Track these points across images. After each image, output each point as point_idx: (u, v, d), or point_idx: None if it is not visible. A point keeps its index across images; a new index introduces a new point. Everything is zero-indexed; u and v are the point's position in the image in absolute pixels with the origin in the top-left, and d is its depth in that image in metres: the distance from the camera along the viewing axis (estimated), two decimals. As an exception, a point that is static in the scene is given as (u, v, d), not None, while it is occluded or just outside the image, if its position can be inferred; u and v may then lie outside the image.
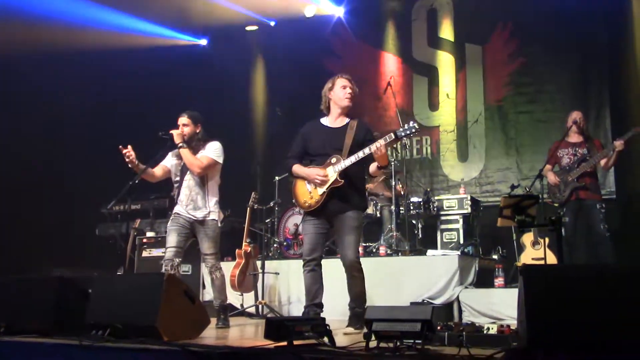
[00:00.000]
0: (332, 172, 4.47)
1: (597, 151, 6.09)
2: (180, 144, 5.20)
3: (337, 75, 4.79)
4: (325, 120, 4.79)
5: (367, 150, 4.39)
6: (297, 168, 4.65)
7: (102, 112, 8.66)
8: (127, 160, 5.07)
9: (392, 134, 4.46)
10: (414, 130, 4.46)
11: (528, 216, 3.71)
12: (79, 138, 8.51)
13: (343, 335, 3.57)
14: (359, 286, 4.71)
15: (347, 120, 4.71)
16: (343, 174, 4.46)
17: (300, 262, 6.76)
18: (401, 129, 4.48)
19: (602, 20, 7.82)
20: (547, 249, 5.88)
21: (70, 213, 8.27)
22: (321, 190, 4.48)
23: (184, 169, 5.31)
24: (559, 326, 2.70)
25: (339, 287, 6.39)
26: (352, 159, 4.43)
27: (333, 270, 6.55)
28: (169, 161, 5.41)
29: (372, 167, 4.56)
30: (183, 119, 5.32)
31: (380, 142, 4.35)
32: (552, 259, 5.79)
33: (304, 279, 4.66)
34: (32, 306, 4.16)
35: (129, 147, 5.07)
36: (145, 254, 7.24)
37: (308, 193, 4.56)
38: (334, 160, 4.50)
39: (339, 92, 4.68)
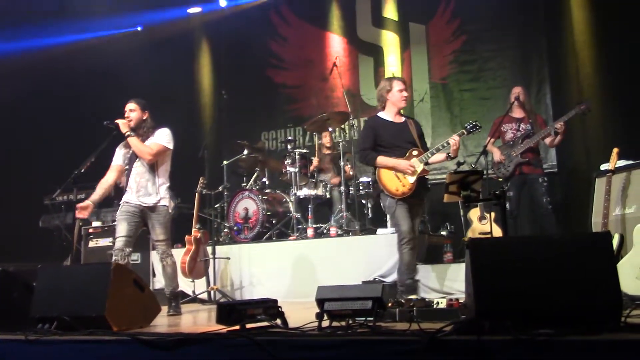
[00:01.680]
0: (418, 163, 4.98)
1: (539, 127, 6.23)
2: (128, 133, 5.09)
3: (393, 77, 5.37)
4: (385, 116, 5.21)
5: (445, 144, 4.95)
6: (383, 159, 5.04)
7: (44, 102, 8.40)
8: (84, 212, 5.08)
9: (463, 130, 5.11)
10: (478, 128, 5.11)
11: (473, 191, 3.77)
12: (19, 128, 8.24)
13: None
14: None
15: (403, 118, 5.24)
16: (426, 163, 5.02)
17: (251, 246, 6.83)
18: (468, 126, 5.12)
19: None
20: (493, 223, 6.01)
21: (11, 204, 8.02)
22: (412, 179, 4.97)
23: (132, 157, 5.21)
24: (505, 297, 2.77)
25: (290, 270, 6.45)
26: (434, 150, 4.99)
27: (283, 253, 6.60)
28: (119, 157, 5.30)
29: (438, 156, 5.05)
30: (130, 105, 5.22)
31: (455, 137, 4.94)
32: (498, 232, 5.92)
33: (403, 256, 4.95)
34: (-26, 302, 4.01)
35: (83, 207, 5.04)
36: (92, 244, 7.09)
37: (398, 181, 4.99)
38: (415, 152, 5.02)
39: (397, 95, 5.15)
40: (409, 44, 8.92)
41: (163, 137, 5.20)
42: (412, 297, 4.02)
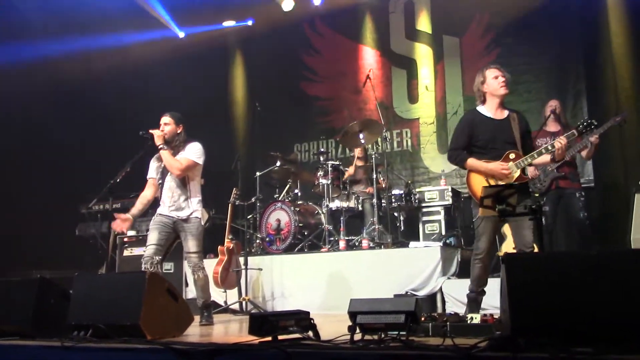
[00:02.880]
0: (514, 168, 4.41)
1: (576, 140, 6.14)
2: (161, 145, 5.15)
3: (485, 66, 4.70)
4: (485, 111, 4.63)
5: (549, 147, 4.40)
6: (475, 162, 4.50)
7: (80, 111, 8.56)
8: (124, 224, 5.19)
9: (574, 131, 4.48)
10: (593, 127, 4.51)
11: (509, 205, 3.72)
12: (56, 138, 8.40)
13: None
14: None
15: (506, 112, 4.63)
16: (523, 169, 4.46)
17: (283, 258, 6.84)
18: (581, 126, 4.48)
19: (577, 10, 7.88)
20: (528, 238, 5.91)
21: (49, 213, 8.17)
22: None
23: (164, 171, 5.27)
24: (541, 314, 2.72)
25: (321, 282, 6.43)
26: (535, 154, 4.43)
27: (315, 265, 6.59)
28: (153, 170, 5.36)
29: (542, 158, 4.52)
30: (165, 119, 5.28)
31: (563, 138, 4.38)
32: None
33: (474, 269, 4.55)
34: (12, 308, 4.09)
35: (123, 220, 5.17)
36: (126, 253, 7.18)
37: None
38: (512, 155, 4.44)
39: (493, 82, 4.57)
40: (443, 56, 8.89)
41: (193, 153, 5.23)
42: (472, 315, 3.69)
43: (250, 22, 10.04)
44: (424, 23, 9.10)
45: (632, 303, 2.67)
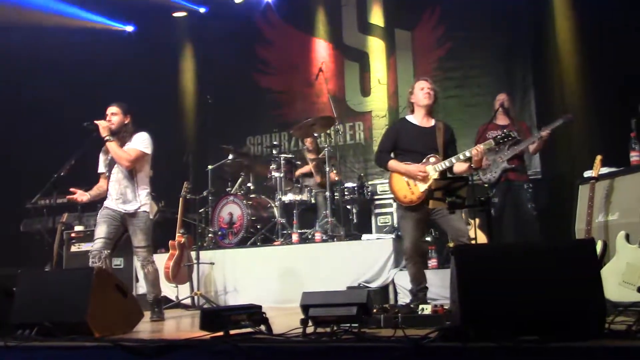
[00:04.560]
0: (432, 171, 4.66)
1: (524, 134, 6.28)
2: (107, 137, 5.02)
3: (416, 79, 5.06)
4: (412, 119, 4.93)
5: (467, 154, 4.60)
6: (395, 164, 4.78)
7: (22, 102, 8.30)
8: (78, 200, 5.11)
9: (491, 141, 4.69)
10: (511, 137, 4.70)
11: (459, 197, 3.77)
12: (1, 131, 8.14)
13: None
14: None
15: (433, 121, 4.90)
16: (441, 173, 4.66)
17: (236, 251, 6.80)
18: (498, 136, 4.69)
19: (525, 5, 8.03)
20: (478, 229, 6.03)
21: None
22: (423, 187, 4.64)
23: (111, 163, 5.15)
24: (490, 304, 2.77)
25: (274, 275, 6.42)
26: (453, 159, 4.64)
27: (268, 259, 6.57)
28: (102, 163, 5.24)
29: (462, 166, 4.71)
30: (112, 109, 5.15)
31: (481, 147, 4.59)
32: (482, 238, 5.94)
33: (408, 270, 4.83)
34: (-48, 308, 3.94)
35: (76, 192, 5.10)
36: (74, 248, 7.01)
37: (408, 188, 4.69)
38: (432, 159, 4.69)
39: (419, 93, 4.88)
40: (395, 50, 8.94)
41: (141, 142, 5.11)
42: (423, 306, 3.85)
43: (202, 10, 9.87)
44: (376, 16, 9.13)
45: (575, 291, 2.75)
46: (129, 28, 10.03)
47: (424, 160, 4.72)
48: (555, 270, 2.81)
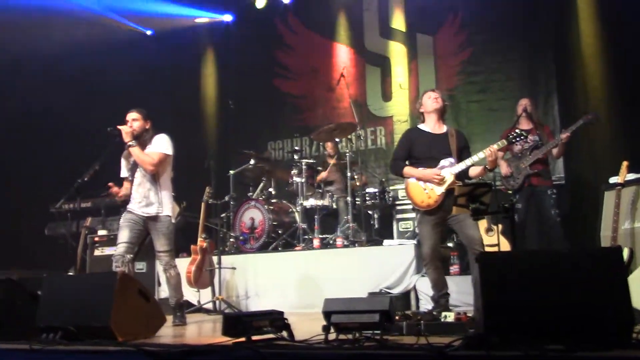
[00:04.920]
0: (448, 174, 4.66)
1: (547, 138, 6.21)
2: (130, 142, 5.06)
3: (424, 92, 5.10)
4: (424, 127, 4.96)
5: (481, 154, 4.62)
6: (410, 169, 4.80)
7: (47, 108, 8.40)
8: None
9: (504, 140, 4.74)
10: (523, 136, 4.79)
11: (482, 204, 3.74)
12: (24, 136, 8.25)
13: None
14: None
15: (445, 127, 4.93)
16: (457, 176, 4.67)
17: (257, 256, 6.81)
18: (510, 136, 4.74)
19: (548, 9, 7.96)
20: (501, 236, 5.97)
21: (18, 213, 8.02)
22: (439, 190, 4.64)
23: (134, 167, 5.19)
24: (514, 312, 2.74)
25: (295, 281, 6.41)
26: (468, 162, 4.67)
27: (289, 264, 6.57)
28: (124, 168, 5.29)
29: (476, 169, 4.71)
30: (133, 114, 5.19)
31: (494, 147, 4.59)
32: (505, 245, 5.88)
33: (428, 275, 4.84)
34: (-22, 311, 4.00)
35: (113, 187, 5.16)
36: (97, 252, 7.06)
37: (424, 193, 4.69)
38: (447, 163, 4.71)
39: (427, 101, 4.94)
40: (417, 55, 8.91)
41: (162, 144, 5.15)
42: (446, 313, 3.84)
43: (229, 17, 9.91)
44: (398, 21, 9.11)
45: (602, 300, 2.70)
46: (148, 32, 10.08)
47: (440, 164, 4.72)
48: (580, 278, 2.77)
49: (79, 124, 8.45)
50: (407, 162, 4.89)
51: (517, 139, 4.77)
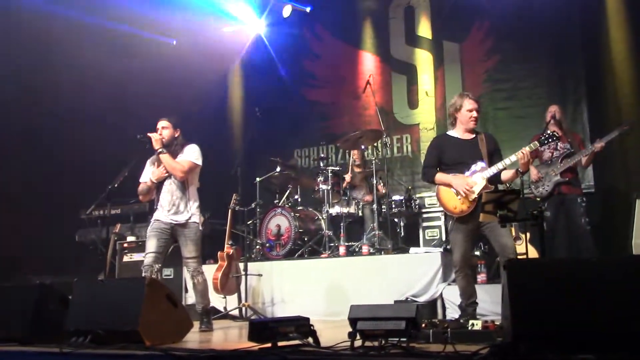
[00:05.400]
0: (480, 179, 4.60)
1: (578, 146, 6.14)
2: (160, 149, 5.14)
3: (464, 94, 4.90)
4: (453, 133, 4.90)
5: (513, 158, 4.56)
6: (441, 176, 4.76)
7: (77, 116, 8.54)
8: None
9: (536, 142, 4.65)
10: (555, 138, 4.65)
11: (510, 211, 3.71)
12: (55, 143, 8.38)
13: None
14: None
15: (474, 134, 4.86)
16: (489, 180, 4.62)
17: (283, 263, 6.83)
18: (542, 137, 4.64)
19: (577, 16, 7.88)
20: (529, 244, 5.90)
21: (49, 219, 8.14)
22: (472, 195, 4.58)
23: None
24: (542, 321, 2.71)
25: (321, 288, 6.41)
26: (500, 165, 4.61)
27: (315, 271, 6.57)
28: (149, 172, 5.34)
29: (508, 173, 4.68)
30: (163, 122, 5.27)
31: (525, 149, 4.52)
32: (533, 253, 5.81)
33: (457, 282, 4.83)
34: (11, 314, 4.08)
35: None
36: (126, 258, 7.16)
37: (457, 198, 4.64)
38: (478, 167, 4.65)
39: (466, 114, 4.79)
40: (443, 62, 8.89)
41: (192, 154, 5.23)
42: (473, 321, 3.80)
43: (255, 25, 9.96)
44: (424, 29, 9.10)
45: (633, 310, 2.65)
46: (174, 42, 10.19)
47: (471, 169, 4.66)
48: (611, 287, 2.72)
49: (110, 131, 8.57)
50: (437, 169, 4.84)
51: (549, 140, 4.67)
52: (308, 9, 9.48)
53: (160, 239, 5.12)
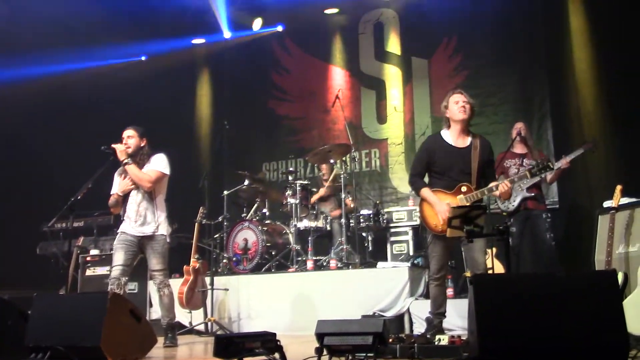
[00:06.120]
0: (463, 201, 4.52)
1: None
2: (125, 160, 5.05)
3: (451, 91, 4.84)
4: (447, 136, 4.75)
5: (493, 189, 4.50)
6: (427, 193, 4.64)
7: (44, 129, 8.40)
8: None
9: (527, 173, 4.57)
10: (548, 169, 4.54)
11: (477, 226, 3.73)
12: (19, 155, 8.23)
13: None
14: None
15: (469, 139, 4.72)
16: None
17: (250, 278, 6.76)
18: (535, 169, 4.52)
19: (541, 34, 8.04)
20: (495, 259, 5.96)
21: (10, 231, 7.96)
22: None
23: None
24: (509, 334, 2.72)
25: (288, 303, 6.37)
26: (485, 191, 4.53)
27: (282, 286, 6.53)
28: (116, 185, 5.26)
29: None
30: (128, 132, 5.20)
31: (507, 184, 4.47)
32: (499, 268, 5.87)
33: (430, 290, 4.81)
34: (-33, 329, 3.95)
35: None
36: (89, 272, 7.01)
37: (438, 219, 4.54)
38: (464, 189, 4.55)
39: (453, 107, 4.70)
40: (412, 78, 8.98)
41: (159, 163, 5.16)
42: (440, 336, 3.79)
43: (225, 35, 9.96)
44: (393, 44, 9.19)
45: (597, 324, 2.68)
46: (143, 58, 10.13)
47: (455, 190, 4.57)
48: (575, 302, 2.75)
49: (73, 142, 8.44)
50: (425, 181, 4.77)
51: (542, 171, 4.56)
52: (280, 28, 9.54)
53: (127, 251, 5.04)
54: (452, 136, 4.73)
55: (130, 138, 5.16)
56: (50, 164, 8.43)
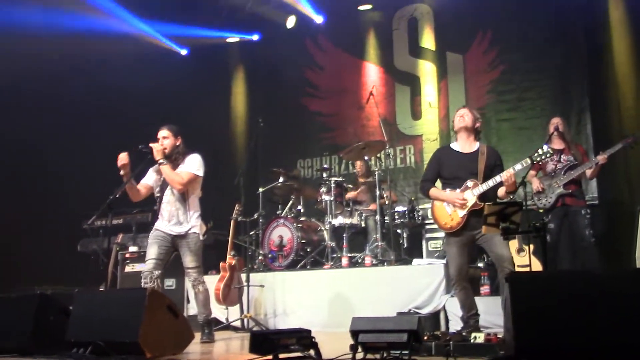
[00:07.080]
0: (470, 196, 4.62)
1: (581, 157, 6.12)
2: (160, 160, 5.11)
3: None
4: (455, 146, 4.93)
5: (497, 178, 4.55)
6: (435, 191, 4.83)
7: (80, 126, 8.57)
8: (121, 165, 5.00)
9: (528, 160, 4.55)
10: (548, 155, 4.54)
11: (512, 223, 3.69)
12: (58, 153, 8.40)
13: None
14: None
15: (477, 145, 4.86)
16: (481, 197, 4.61)
17: (285, 274, 6.80)
18: (536, 154, 4.52)
19: (581, 27, 7.89)
20: (532, 256, 5.87)
21: (52, 229, 8.15)
22: (462, 212, 4.62)
23: (164, 184, 5.23)
24: (545, 333, 2.68)
25: (323, 299, 6.39)
26: (490, 183, 4.59)
27: (317, 282, 6.55)
28: (150, 178, 5.33)
29: (501, 191, 4.67)
30: (163, 132, 5.25)
31: (510, 171, 4.50)
32: (536, 265, 5.77)
33: (456, 295, 4.84)
34: (12, 325, 4.07)
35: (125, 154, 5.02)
36: (128, 269, 7.14)
37: (448, 215, 4.68)
38: (470, 184, 4.66)
39: (455, 119, 4.92)
40: (446, 73, 8.90)
41: (193, 165, 5.19)
42: (475, 334, 3.78)
43: (255, 37, 10.06)
44: (427, 40, 9.12)
45: (637, 323, 2.63)
46: (184, 52, 10.26)
47: (463, 186, 4.67)
48: (614, 301, 2.70)
49: (112, 141, 8.58)
50: (435, 185, 4.88)
51: (541, 158, 4.53)
52: (321, 19, 9.55)
53: (161, 246, 5.10)
54: (459, 145, 4.90)
55: (165, 138, 5.20)
56: (89, 162, 8.59)
